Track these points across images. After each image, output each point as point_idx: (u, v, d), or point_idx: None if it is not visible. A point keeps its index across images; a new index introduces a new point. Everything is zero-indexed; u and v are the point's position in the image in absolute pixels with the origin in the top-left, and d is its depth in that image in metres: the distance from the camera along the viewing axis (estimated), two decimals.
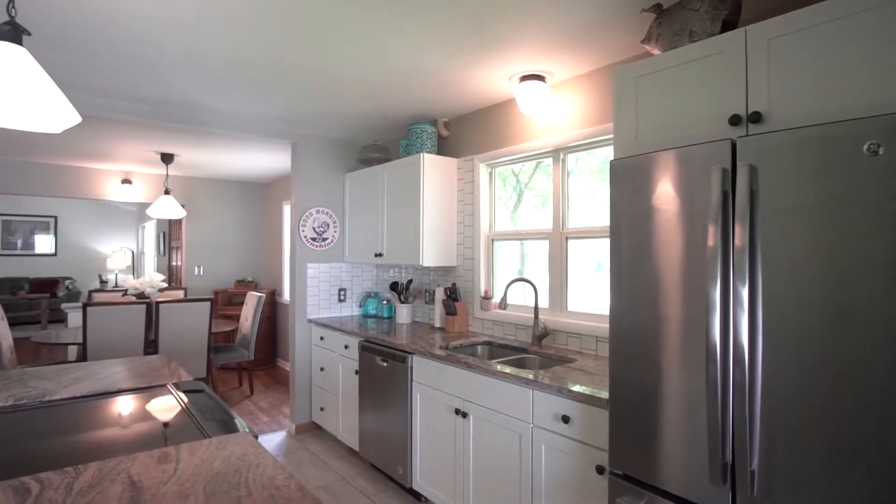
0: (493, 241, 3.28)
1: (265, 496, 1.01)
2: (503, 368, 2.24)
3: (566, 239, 2.77)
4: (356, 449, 3.33)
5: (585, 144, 2.68)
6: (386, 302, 3.97)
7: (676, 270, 1.49)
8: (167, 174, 5.37)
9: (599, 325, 2.53)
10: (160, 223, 8.10)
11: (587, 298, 2.70)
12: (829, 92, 1.28)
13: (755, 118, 1.39)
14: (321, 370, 3.81)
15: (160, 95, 3.05)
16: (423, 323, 3.68)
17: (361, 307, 4.19)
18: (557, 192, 2.81)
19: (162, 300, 4.05)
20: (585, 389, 1.88)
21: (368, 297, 4.09)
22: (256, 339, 5.86)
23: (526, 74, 2.64)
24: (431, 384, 2.64)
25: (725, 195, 1.36)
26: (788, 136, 1.25)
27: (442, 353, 2.57)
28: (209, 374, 4.27)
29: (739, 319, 1.30)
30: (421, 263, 3.25)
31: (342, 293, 4.16)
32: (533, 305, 2.86)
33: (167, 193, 5.02)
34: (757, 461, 1.29)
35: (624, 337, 1.63)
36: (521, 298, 3.10)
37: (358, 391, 3.30)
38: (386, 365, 2.99)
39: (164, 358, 2.37)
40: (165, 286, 4.84)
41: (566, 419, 1.92)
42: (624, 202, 1.64)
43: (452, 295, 3.28)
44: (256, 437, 1.36)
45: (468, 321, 3.33)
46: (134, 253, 10.49)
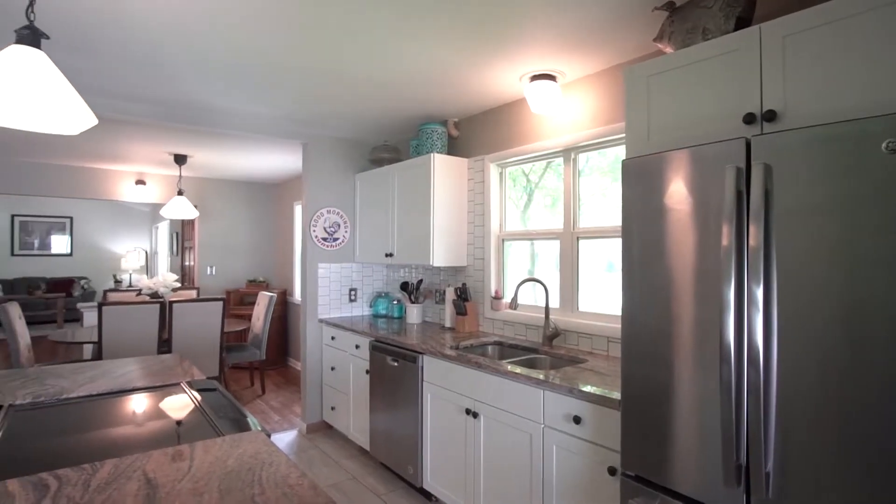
0: (503, 241, 3.28)
1: (278, 494, 1.02)
2: (514, 368, 2.24)
3: (577, 239, 2.76)
4: (367, 448, 3.34)
5: (596, 144, 2.66)
6: (396, 302, 3.98)
7: (689, 270, 1.48)
8: (180, 175, 5.42)
9: (611, 325, 2.52)
10: (173, 224, 8.19)
11: (598, 299, 2.69)
12: (846, 89, 1.26)
13: (770, 116, 1.38)
14: (332, 370, 3.83)
15: (173, 97, 3.08)
16: (433, 323, 3.68)
17: (372, 307, 4.21)
18: (568, 191, 2.80)
19: (175, 300, 4.10)
20: (597, 390, 1.87)
21: (379, 297, 4.11)
22: (268, 338, 5.90)
23: (536, 74, 2.63)
24: (442, 384, 2.64)
25: (740, 194, 1.35)
26: (804, 134, 1.24)
27: (452, 353, 2.57)
28: (221, 373, 4.31)
29: (754, 320, 1.29)
30: (431, 263, 3.25)
31: (353, 293, 4.18)
32: (543, 305, 2.85)
33: (180, 194, 5.08)
34: (772, 463, 1.28)
35: (636, 337, 1.62)
36: (531, 298, 3.09)
37: (368, 391, 3.31)
38: (396, 365, 3.00)
39: (176, 357, 2.40)
40: (178, 286, 4.89)
41: (577, 420, 1.91)
42: (636, 202, 1.63)
43: (463, 295, 3.28)
44: (269, 435, 1.37)
45: (478, 321, 3.32)
46: (147, 253, 10.62)
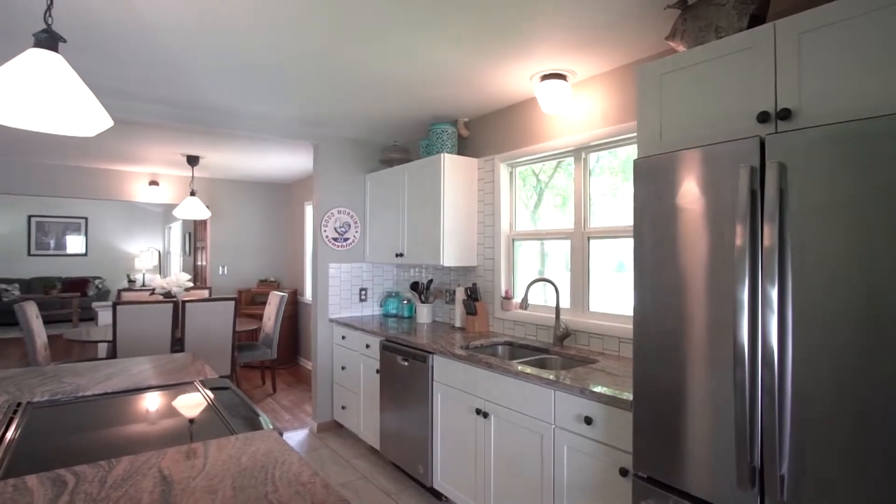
0: (513, 240, 3.27)
1: (291, 492, 1.03)
2: (524, 369, 2.24)
3: (588, 239, 2.74)
4: (377, 447, 3.35)
5: (607, 143, 2.65)
6: (406, 302, 3.99)
7: (702, 271, 1.46)
8: (193, 176, 5.47)
9: (622, 325, 2.50)
10: (186, 224, 8.28)
11: (609, 299, 2.67)
12: (863, 87, 1.24)
13: (785, 115, 1.36)
14: (342, 369, 3.84)
15: (187, 99, 3.12)
16: (443, 323, 3.69)
17: (382, 307, 4.22)
18: (579, 191, 2.78)
19: (188, 299, 4.14)
20: (608, 390, 1.86)
21: (389, 296, 4.12)
22: (279, 338, 5.94)
23: (547, 73, 2.62)
24: (452, 384, 2.64)
25: (754, 194, 1.34)
26: (820, 132, 1.22)
27: (463, 352, 2.57)
28: (233, 371, 4.35)
29: (768, 321, 1.27)
30: (441, 263, 3.26)
31: (363, 293, 4.20)
32: (554, 306, 2.84)
33: (193, 195, 5.13)
34: (787, 465, 1.26)
35: (648, 338, 1.61)
36: (541, 298, 3.08)
37: (379, 390, 3.32)
38: (407, 364, 3.01)
39: (189, 356, 2.42)
40: (191, 285, 4.94)
41: (588, 420, 1.90)
42: (648, 201, 1.62)
43: (473, 295, 3.28)
44: (281, 433, 1.38)
45: (488, 321, 3.32)
46: (160, 253, 10.75)
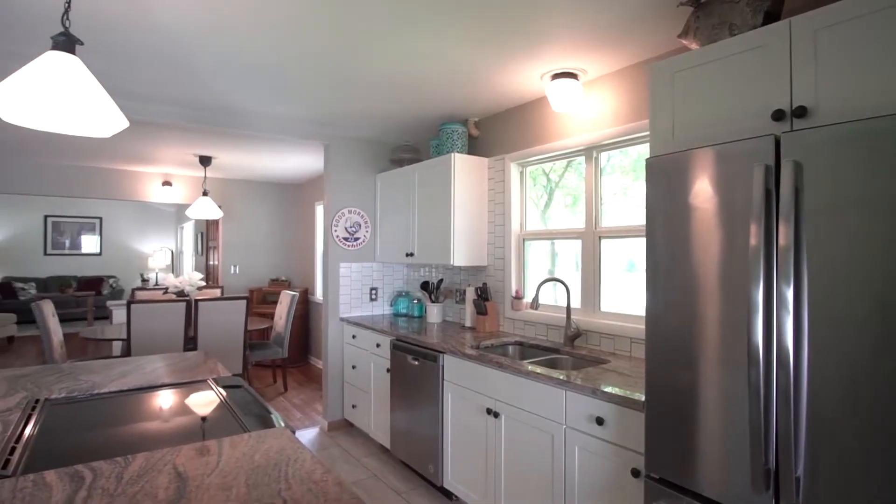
0: (524, 240, 3.27)
1: (304, 490, 1.04)
2: (535, 369, 2.23)
3: (599, 238, 2.73)
4: (387, 446, 3.36)
5: (619, 142, 2.63)
6: (417, 301, 4.00)
7: (715, 270, 1.45)
8: (205, 176, 5.53)
9: (634, 325, 2.49)
10: (198, 224, 8.36)
11: (619, 298, 2.66)
12: (881, 84, 1.22)
13: (800, 113, 1.34)
14: (353, 368, 3.86)
15: (201, 99, 3.15)
16: (453, 322, 3.69)
17: (392, 306, 4.23)
18: (590, 190, 2.77)
19: (200, 298, 4.18)
20: (620, 391, 1.85)
21: (399, 296, 4.13)
22: (290, 336, 5.98)
23: (558, 72, 2.61)
24: (463, 383, 2.64)
25: (768, 193, 1.32)
26: (837, 130, 1.20)
27: (473, 352, 2.57)
28: (245, 370, 4.39)
29: (784, 321, 1.26)
30: (452, 263, 3.26)
31: (374, 292, 4.21)
32: (565, 305, 2.83)
33: (205, 195, 5.18)
34: (803, 467, 1.25)
35: (661, 338, 1.60)
36: (552, 298, 3.07)
37: (389, 389, 3.33)
38: (417, 364, 3.01)
39: (202, 354, 2.45)
40: (203, 284, 4.99)
41: (600, 421, 1.89)
42: (660, 201, 1.61)
43: (483, 294, 3.28)
44: (294, 432, 1.39)
45: (499, 321, 3.32)
46: (173, 252, 10.86)
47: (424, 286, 3.75)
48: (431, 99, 3.11)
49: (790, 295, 1.25)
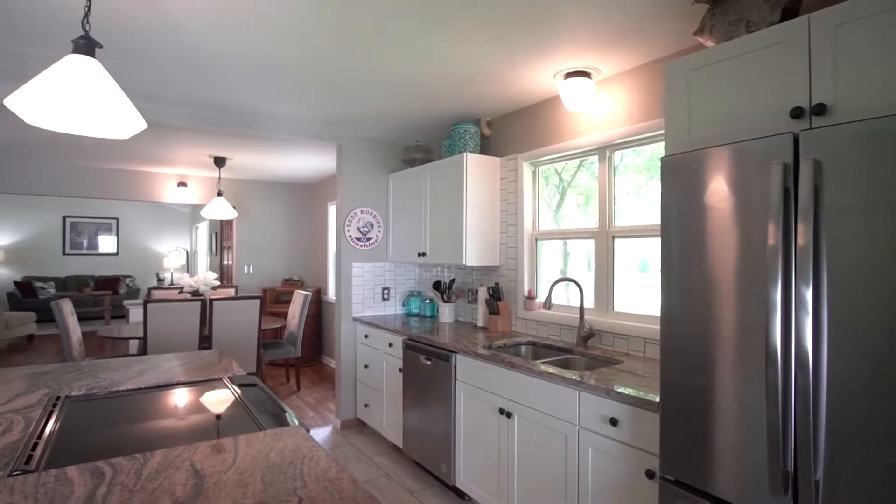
0: (536, 240, 3.26)
1: (319, 488, 1.05)
2: (548, 369, 2.22)
3: (612, 238, 2.71)
4: (400, 446, 3.37)
5: (633, 141, 2.61)
6: (429, 301, 4.00)
7: (732, 271, 1.43)
8: (219, 177, 5.59)
9: (648, 326, 2.47)
10: (212, 224, 8.46)
11: (632, 299, 2.64)
12: None
13: (819, 110, 1.32)
14: (365, 367, 3.88)
15: (216, 101, 3.18)
16: (465, 322, 3.69)
17: (405, 306, 4.24)
18: (603, 190, 2.75)
19: (215, 297, 4.23)
20: (634, 391, 1.84)
21: (411, 296, 4.14)
22: (303, 336, 6.03)
23: (571, 71, 2.60)
24: (475, 383, 2.64)
25: (786, 192, 1.30)
26: (857, 128, 1.18)
27: (486, 352, 2.56)
28: (259, 369, 4.43)
29: (803, 322, 1.24)
30: (464, 263, 3.26)
31: (386, 292, 4.23)
32: (577, 305, 2.81)
33: (219, 195, 5.23)
34: (822, 471, 1.23)
35: (676, 339, 1.58)
36: (564, 298, 3.06)
37: (402, 389, 3.34)
38: (430, 363, 3.02)
39: (216, 353, 2.48)
40: (218, 284, 5.05)
41: (614, 422, 1.88)
42: (676, 200, 1.59)
43: (495, 294, 3.27)
44: (308, 430, 1.41)
45: (511, 321, 3.31)
46: (188, 252, 11.00)
47: (436, 286, 3.76)
48: (444, 99, 3.12)
49: (809, 295, 1.24)
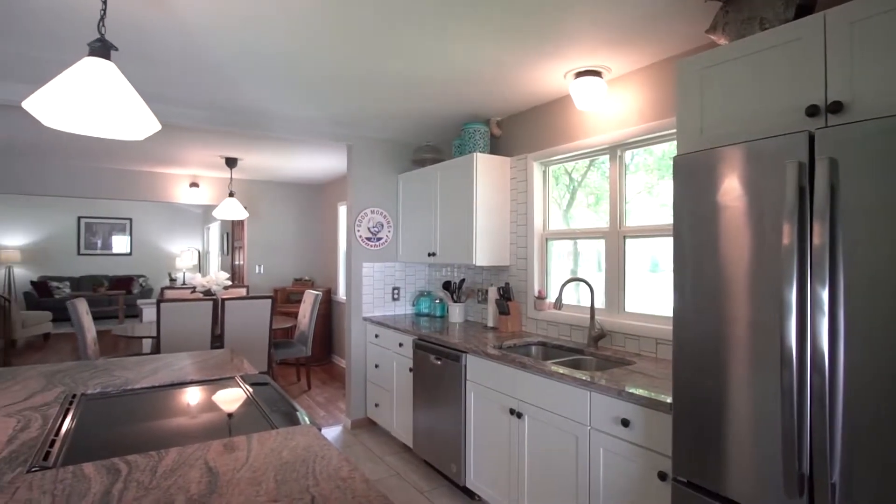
0: (546, 240, 3.25)
1: (331, 487, 1.05)
2: (559, 369, 2.21)
3: (623, 238, 2.70)
4: (410, 445, 3.38)
5: (644, 140, 2.60)
6: (439, 301, 4.01)
7: (745, 271, 1.42)
8: (231, 177, 5.64)
9: (659, 326, 2.45)
10: (224, 224, 8.53)
11: (644, 299, 2.62)
12: None
13: (836, 108, 1.31)
14: (376, 367, 3.89)
15: (228, 102, 3.21)
16: (475, 322, 3.69)
17: (415, 306, 4.25)
18: (614, 190, 2.74)
19: (227, 297, 4.26)
20: (646, 392, 1.83)
21: (421, 295, 4.14)
22: (313, 335, 6.06)
23: (582, 70, 2.59)
24: (485, 383, 2.64)
25: (802, 191, 1.29)
26: (875, 125, 1.17)
27: (496, 352, 2.56)
28: (270, 368, 4.46)
29: (818, 323, 1.22)
30: (474, 263, 3.26)
31: (396, 292, 4.24)
32: (588, 306, 2.80)
33: (231, 196, 5.28)
34: (838, 473, 1.21)
35: (688, 339, 1.57)
36: (574, 298, 3.05)
37: (412, 388, 3.34)
38: (440, 363, 3.02)
39: (228, 352, 2.50)
40: (229, 284, 5.09)
41: (626, 423, 1.87)
42: (688, 200, 1.58)
43: (505, 294, 3.27)
44: (320, 429, 1.41)
45: (521, 321, 3.30)
46: (200, 252, 11.10)
47: (446, 286, 3.76)
48: (454, 99, 3.12)
49: (825, 296, 1.22)
